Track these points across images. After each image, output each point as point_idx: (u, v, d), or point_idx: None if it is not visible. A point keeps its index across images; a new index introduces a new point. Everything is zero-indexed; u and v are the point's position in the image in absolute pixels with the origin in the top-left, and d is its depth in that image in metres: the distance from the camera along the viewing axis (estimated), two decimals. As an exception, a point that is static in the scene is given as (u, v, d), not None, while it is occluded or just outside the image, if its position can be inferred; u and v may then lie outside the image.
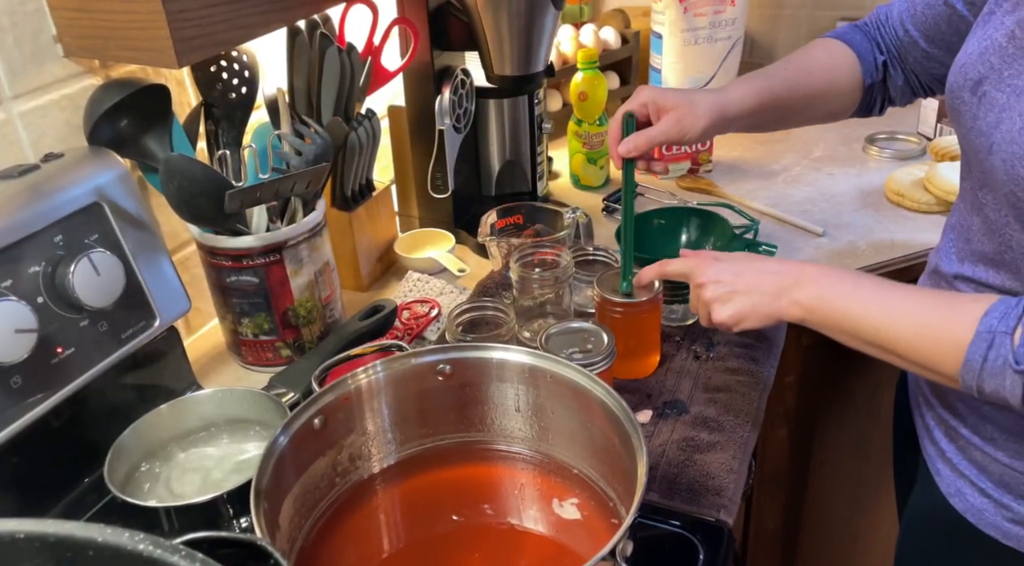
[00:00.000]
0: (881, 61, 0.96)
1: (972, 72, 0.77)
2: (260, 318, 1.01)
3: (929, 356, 0.71)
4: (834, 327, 0.77)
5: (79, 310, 0.80)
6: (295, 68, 1.06)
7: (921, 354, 0.71)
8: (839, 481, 1.45)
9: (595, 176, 1.46)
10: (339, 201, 1.17)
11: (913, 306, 0.72)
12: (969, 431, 0.82)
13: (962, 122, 0.79)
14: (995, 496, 0.81)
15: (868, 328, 0.74)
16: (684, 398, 0.95)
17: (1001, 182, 0.72)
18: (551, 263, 1.02)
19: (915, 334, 0.71)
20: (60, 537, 0.37)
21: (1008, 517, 0.81)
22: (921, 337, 0.71)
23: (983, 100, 0.76)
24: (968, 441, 0.83)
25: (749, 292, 0.80)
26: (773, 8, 1.90)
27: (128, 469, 0.81)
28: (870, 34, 0.98)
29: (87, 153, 0.87)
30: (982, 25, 0.80)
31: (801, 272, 0.79)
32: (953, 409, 0.85)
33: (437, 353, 0.78)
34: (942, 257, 0.86)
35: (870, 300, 0.74)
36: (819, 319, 0.77)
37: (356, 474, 0.78)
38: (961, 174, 0.84)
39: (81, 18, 0.84)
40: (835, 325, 0.77)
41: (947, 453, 0.86)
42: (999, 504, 0.81)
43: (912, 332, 0.71)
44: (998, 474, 0.80)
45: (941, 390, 0.86)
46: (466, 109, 1.26)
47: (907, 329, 0.71)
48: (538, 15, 1.15)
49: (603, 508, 0.73)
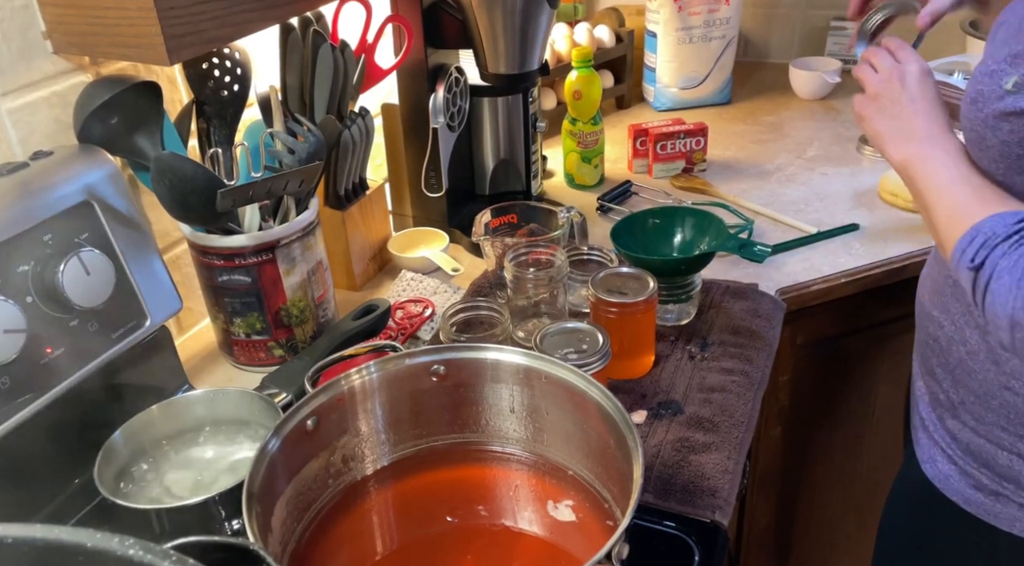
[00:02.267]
0: None
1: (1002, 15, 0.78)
2: (252, 318, 1.00)
3: (943, 235, 0.74)
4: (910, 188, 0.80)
5: (69, 310, 0.79)
6: (288, 65, 1.06)
7: (941, 231, 0.75)
8: (832, 481, 1.45)
9: (589, 175, 1.46)
10: (332, 200, 1.16)
11: (964, 189, 0.74)
12: (944, 396, 0.86)
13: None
14: (960, 463, 0.85)
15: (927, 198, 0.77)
16: (679, 398, 0.94)
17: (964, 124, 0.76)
18: (545, 263, 1.02)
19: (947, 213, 0.74)
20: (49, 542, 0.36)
21: (970, 483, 0.85)
22: (947, 219, 0.74)
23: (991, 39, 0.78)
24: (944, 408, 0.87)
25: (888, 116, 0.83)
26: (767, 7, 1.90)
27: (119, 470, 0.81)
28: None
29: (77, 151, 0.86)
30: None
31: (930, 130, 0.80)
32: (934, 374, 0.88)
33: (431, 353, 0.77)
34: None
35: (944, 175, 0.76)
36: (905, 177, 0.81)
37: (349, 475, 0.77)
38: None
39: (71, 14, 0.83)
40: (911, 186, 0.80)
41: (926, 421, 0.90)
42: (963, 471, 0.85)
43: (946, 212, 0.74)
44: (965, 441, 0.84)
45: (925, 356, 0.90)
46: (460, 107, 1.26)
47: (945, 208, 0.75)
48: (533, 13, 1.14)
49: (598, 510, 0.73)
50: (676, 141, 1.46)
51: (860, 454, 1.43)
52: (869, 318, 1.26)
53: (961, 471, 0.86)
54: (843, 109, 1.71)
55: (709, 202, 1.35)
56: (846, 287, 1.18)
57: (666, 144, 1.46)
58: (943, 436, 0.88)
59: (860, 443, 1.41)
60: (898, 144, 0.82)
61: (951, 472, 0.87)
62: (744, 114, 1.72)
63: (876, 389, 1.36)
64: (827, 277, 1.17)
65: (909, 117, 0.81)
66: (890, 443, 1.41)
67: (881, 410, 1.38)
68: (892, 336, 1.30)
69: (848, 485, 1.47)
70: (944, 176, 0.76)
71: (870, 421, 1.40)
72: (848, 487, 1.47)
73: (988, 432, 0.82)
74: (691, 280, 1.05)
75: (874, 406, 1.38)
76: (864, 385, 1.35)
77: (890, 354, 1.32)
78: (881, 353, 1.33)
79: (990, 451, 0.82)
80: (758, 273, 1.17)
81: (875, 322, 1.27)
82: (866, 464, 1.44)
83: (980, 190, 0.74)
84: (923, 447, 0.92)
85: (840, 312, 1.21)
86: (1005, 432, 0.80)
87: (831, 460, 1.42)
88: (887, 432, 1.40)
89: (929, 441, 0.90)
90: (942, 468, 0.88)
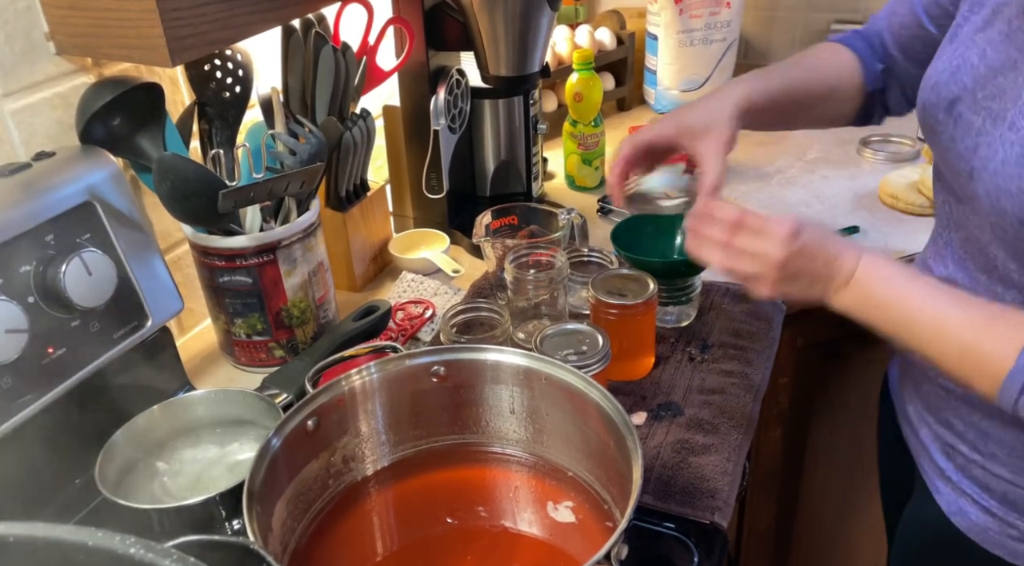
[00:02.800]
0: (880, 70, 0.96)
1: (945, 91, 0.77)
2: (253, 318, 1.01)
3: (968, 376, 0.69)
4: (879, 328, 0.74)
5: (70, 310, 0.80)
6: (289, 67, 1.06)
7: (961, 372, 0.69)
8: (832, 483, 1.45)
9: (590, 177, 1.46)
10: (333, 201, 1.16)
11: (960, 323, 0.69)
12: (968, 448, 0.81)
13: (938, 142, 0.79)
14: (1000, 514, 0.79)
15: (913, 338, 0.71)
16: (679, 400, 0.95)
17: (985, 211, 0.72)
18: (546, 264, 1.02)
19: (954, 353, 0.69)
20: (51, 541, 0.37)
21: (1014, 535, 0.79)
22: (962, 357, 0.69)
23: (959, 122, 0.75)
24: (968, 459, 0.81)
25: (796, 278, 0.74)
26: (768, 10, 1.91)
27: (120, 470, 0.81)
28: (870, 41, 0.98)
29: (79, 152, 0.86)
30: (950, 40, 0.79)
31: (854, 273, 0.73)
32: (950, 426, 0.83)
33: (431, 354, 0.78)
34: (930, 260, 0.86)
35: (919, 309, 0.71)
36: (865, 318, 0.74)
37: (350, 476, 0.77)
38: (935, 187, 0.84)
39: (74, 16, 0.83)
40: (880, 327, 0.73)
41: (946, 471, 0.84)
42: (1004, 522, 0.79)
43: (952, 350, 0.69)
44: (1001, 492, 0.79)
45: (935, 406, 0.85)
46: (461, 109, 1.26)
47: (951, 347, 0.69)
48: (534, 16, 1.14)
49: (597, 511, 0.73)
50: (677, 143, 1.46)
51: (860, 457, 1.43)
52: (869, 320, 1.26)
53: (1001, 522, 0.79)
54: (844, 112, 1.71)
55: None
56: (846, 289, 1.18)
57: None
58: (971, 487, 0.81)
59: (860, 446, 1.41)
60: (832, 301, 0.74)
61: (989, 524, 0.80)
62: (745, 116, 1.72)
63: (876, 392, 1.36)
64: (827, 279, 1.17)
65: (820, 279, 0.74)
66: (890, 445, 1.41)
67: (881, 412, 1.38)
68: (892, 339, 1.30)
69: (848, 488, 1.47)
70: (901, 312, 0.71)
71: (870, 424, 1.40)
72: (848, 490, 1.47)
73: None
74: (691, 282, 1.05)
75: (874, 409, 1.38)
76: (864, 388, 1.35)
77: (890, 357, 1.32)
78: (881, 356, 1.32)
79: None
80: (758, 275, 1.17)
81: (875, 324, 1.27)
82: (866, 467, 1.44)
83: (974, 309, 0.69)
84: (946, 498, 0.84)
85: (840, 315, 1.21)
86: None
87: (831, 463, 1.42)
88: (887, 434, 1.40)
89: (954, 492, 0.83)
90: (977, 520, 0.81)
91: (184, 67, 1.01)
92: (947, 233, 0.82)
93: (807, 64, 0.96)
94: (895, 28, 0.93)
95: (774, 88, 0.91)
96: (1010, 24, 0.73)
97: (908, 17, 0.90)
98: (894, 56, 0.94)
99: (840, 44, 0.98)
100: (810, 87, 0.95)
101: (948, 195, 0.81)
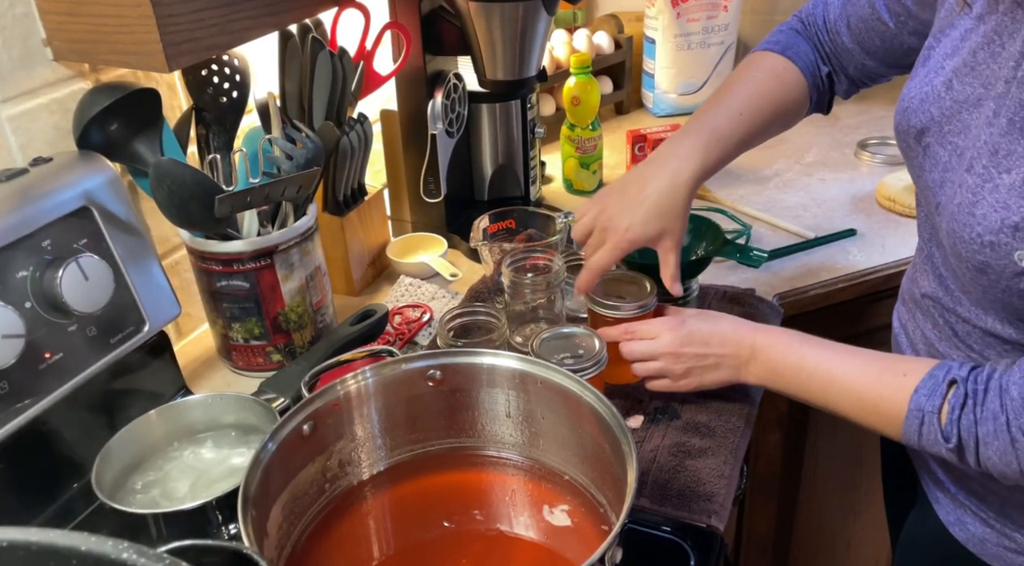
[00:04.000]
0: (826, 73, 0.94)
1: (915, 120, 0.76)
2: (251, 323, 1.01)
3: (872, 424, 0.76)
4: (789, 395, 0.84)
5: (67, 315, 0.80)
6: (287, 72, 1.06)
7: (866, 422, 0.77)
8: (831, 486, 1.45)
9: (588, 180, 1.46)
10: (331, 205, 1.17)
11: (851, 378, 0.77)
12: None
13: (911, 166, 0.79)
14: (997, 526, 0.79)
15: (816, 399, 0.81)
16: (675, 403, 0.95)
17: (946, 245, 0.73)
18: (543, 268, 1.02)
19: (856, 406, 0.77)
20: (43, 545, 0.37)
21: (1011, 547, 0.79)
22: (861, 409, 0.76)
23: (927, 152, 0.75)
24: (964, 472, 0.80)
25: (699, 363, 0.86)
26: (766, 14, 1.91)
27: (116, 475, 0.81)
28: (811, 38, 0.95)
29: (76, 157, 0.87)
30: (923, 63, 0.77)
31: (753, 346, 0.84)
32: None
33: (427, 358, 0.78)
34: (917, 274, 0.85)
35: (814, 373, 0.80)
36: (775, 388, 0.85)
37: (346, 480, 0.77)
38: (916, 201, 0.83)
39: (71, 22, 0.84)
40: (789, 394, 0.84)
41: (945, 483, 0.84)
42: (1002, 534, 0.79)
43: (854, 404, 0.77)
44: (999, 504, 0.79)
45: None
46: (459, 113, 1.26)
47: (848, 401, 0.77)
48: (531, 20, 1.15)
49: (593, 514, 0.73)
50: (674, 147, 1.46)
51: (859, 460, 1.43)
52: (867, 323, 1.26)
53: (999, 534, 0.79)
54: (841, 115, 1.71)
55: (707, 207, 1.36)
56: (844, 292, 1.18)
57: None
58: (968, 499, 0.81)
59: (859, 449, 1.41)
60: (743, 379, 0.86)
61: (987, 535, 0.80)
62: (743, 120, 1.72)
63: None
64: (824, 282, 1.17)
65: (723, 359, 0.85)
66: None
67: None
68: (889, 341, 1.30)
69: (846, 491, 1.47)
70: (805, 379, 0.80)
71: (868, 427, 1.40)
72: (846, 493, 1.47)
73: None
74: (688, 285, 1.05)
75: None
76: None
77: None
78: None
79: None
80: (755, 278, 1.17)
81: (873, 327, 1.27)
82: (865, 470, 1.44)
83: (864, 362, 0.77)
84: (946, 508, 0.85)
85: (838, 317, 1.22)
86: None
87: (830, 466, 1.42)
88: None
89: (952, 503, 0.84)
90: (975, 531, 0.81)
91: (181, 72, 1.01)
92: (929, 247, 0.81)
93: (749, 107, 0.92)
94: (852, 20, 0.90)
95: (724, 147, 0.92)
96: (975, 56, 0.70)
97: (866, 10, 0.88)
98: (850, 49, 0.92)
99: (779, 56, 0.94)
100: (759, 125, 0.93)
101: (922, 208, 0.81)
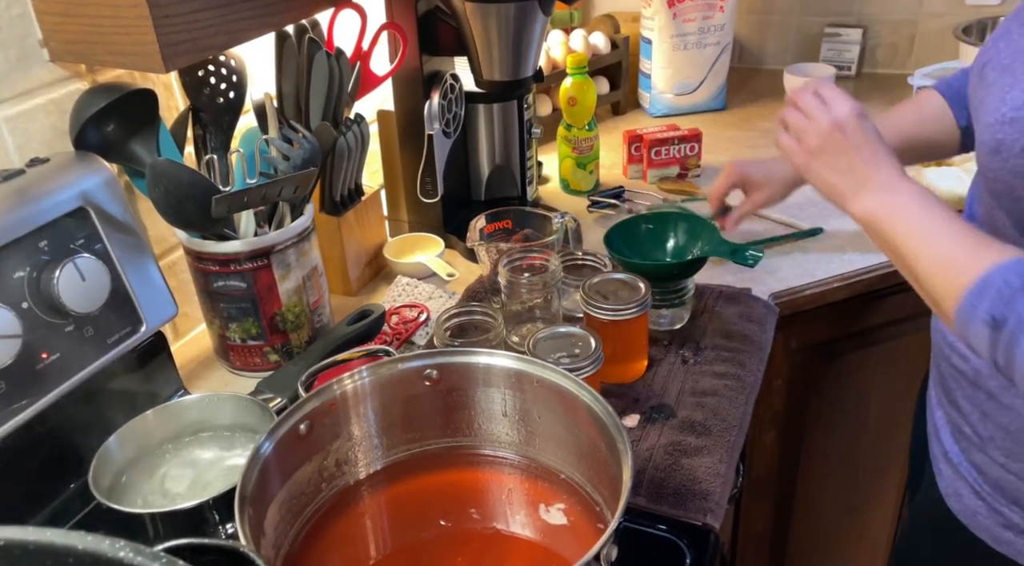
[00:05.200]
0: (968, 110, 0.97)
1: (983, 55, 0.79)
2: (248, 323, 1.01)
3: (938, 289, 0.69)
4: (884, 240, 0.75)
5: (64, 315, 0.80)
6: (283, 73, 1.06)
7: (932, 284, 0.70)
8: (828, 485, 1.45)
9: (584, 181, 1.46)
10: (328, 206, 1.17)
11: (947, 238, 0.70)
12: (971, 429, 0.83)
13: (972, 108, 0.81)
14: (989, 499, 0.81)
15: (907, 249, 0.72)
16: (671, 402, 0.95)
17: (982, 164, 0.73)
18: (540, 268, 1.02)
19: (936, 265, 0.70)
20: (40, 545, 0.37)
21: (1000, 522, 0.81)
22: (938, 270, 0.69)
23: (982, 80, 0.78)
24: (970, 440, 0.83)
25: (834, 155, 0.78)
26: (762, 14, 1.91)
27: (114, 475, 0.81)
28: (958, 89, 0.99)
29: (73, 158, 0.87)
30: None
31: (899, 173, 0.76)
32: (958, 407, 0.85)
33: (423, 358, 0.78)
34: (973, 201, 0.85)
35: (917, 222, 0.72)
36: (876, 228, 0.76)
37: (342, 479, 0.78)
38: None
39: (67, 23, 0.84)
40: (887, 238, 0.75)
41: (950, 454, 0.86)
42: (992, 508, 0.81)
43: (934, 263, 0.70)
44: (994, 477, 0.80)
45: (948, 387, 0.87)
46: (455, 114, 1.26)
47: (932, 258, 0.70)
48: (527, 21, 1.15)
49: (589, 513, 0.73)
50: (671, 147, 1.46)
51: (855, 458, 1.43)
52: (863, 322, 1.27)
53: (990, 507, 0.82)
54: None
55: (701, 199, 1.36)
56: (839, 291, 1.18)
57: (660, 150, 1.46)
58: (969, 470, 0.84)
59: (855, 447, 1.42)
60: (857, 199, 0.77)
61: (979, 508, 0.83)
62: (739, 120, 1.73)
63: (870, 393, 1.37)
64: (820, 281, 1.18)
65: (860, 168, 0.77)
66: (885, 448, 1.41)
67: (876, 414, 1.39)
68: (886, 340, 1.30)
69: (843, 489, 1.47)
70: (919, 225, 0.72)
71: (865, 425, 1.40)
72: (843, 491, 1.47)
73: (1020, 469, 0.78)
74: (684, 285, 1.06)
75: (868, 410, 1.39)
76: (858, 389, 1.36)
77: (884, 358, 1.33)
78: (875, 357, 1.33)
79: (1021, 488, 0.78)
80: (751, 278, 1.18)
81: (869, 326, 1.28)
82: (861, 468, 1.44)
83: (966, 236, 0.70)
84: (946, 479, 0.87)
85: (834, 316, 1.22)
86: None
87: (826, 464, 1.42)
88: (882, 436, 1.40)
89: (953, 474, 0.86)
90: (968, 503, 0.84)
91: (178, 73, 1.01)
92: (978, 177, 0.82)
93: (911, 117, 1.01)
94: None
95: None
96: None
97: None
98: None
99: (934, 90, 1.01)
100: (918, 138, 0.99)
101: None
